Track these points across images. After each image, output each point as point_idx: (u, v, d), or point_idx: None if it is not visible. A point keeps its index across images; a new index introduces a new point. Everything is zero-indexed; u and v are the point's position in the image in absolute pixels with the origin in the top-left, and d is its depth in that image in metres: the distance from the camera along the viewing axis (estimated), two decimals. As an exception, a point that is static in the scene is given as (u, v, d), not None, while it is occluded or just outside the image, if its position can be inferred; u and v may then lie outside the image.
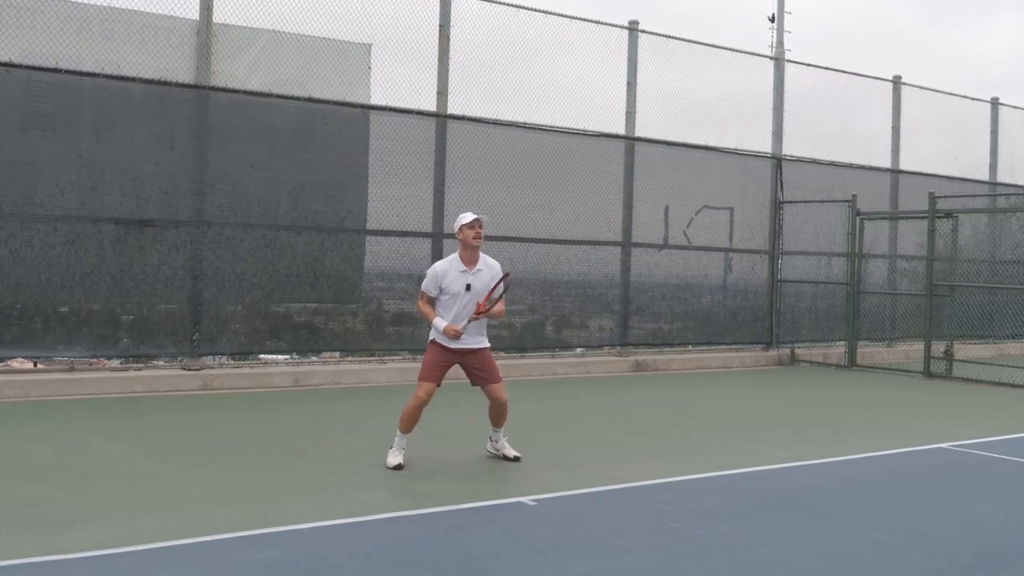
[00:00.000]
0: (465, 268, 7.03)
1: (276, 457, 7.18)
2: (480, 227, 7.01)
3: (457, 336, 6.90)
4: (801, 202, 15.51)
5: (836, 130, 16.16)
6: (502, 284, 7.09)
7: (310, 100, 11.30)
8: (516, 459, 7.24)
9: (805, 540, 5.48)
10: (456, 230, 7.09)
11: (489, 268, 7.12)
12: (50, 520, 5.39)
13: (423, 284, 7.14)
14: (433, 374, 7.01)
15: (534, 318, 13.07)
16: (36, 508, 5.64)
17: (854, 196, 15.01)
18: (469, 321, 6.95)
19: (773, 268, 15.53)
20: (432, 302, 7.10)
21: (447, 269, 7.05)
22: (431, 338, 7.13)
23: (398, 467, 6.85)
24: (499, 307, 7.08)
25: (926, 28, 52.49)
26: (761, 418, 9.88)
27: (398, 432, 7.02)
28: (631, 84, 13.78)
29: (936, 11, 50.95)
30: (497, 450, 7.36)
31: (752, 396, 11.67)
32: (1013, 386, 12.74)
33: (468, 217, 7.06)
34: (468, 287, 6.99)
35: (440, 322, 6.96)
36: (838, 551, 5.28)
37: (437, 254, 12.10)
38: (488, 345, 7.18)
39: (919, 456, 8.09)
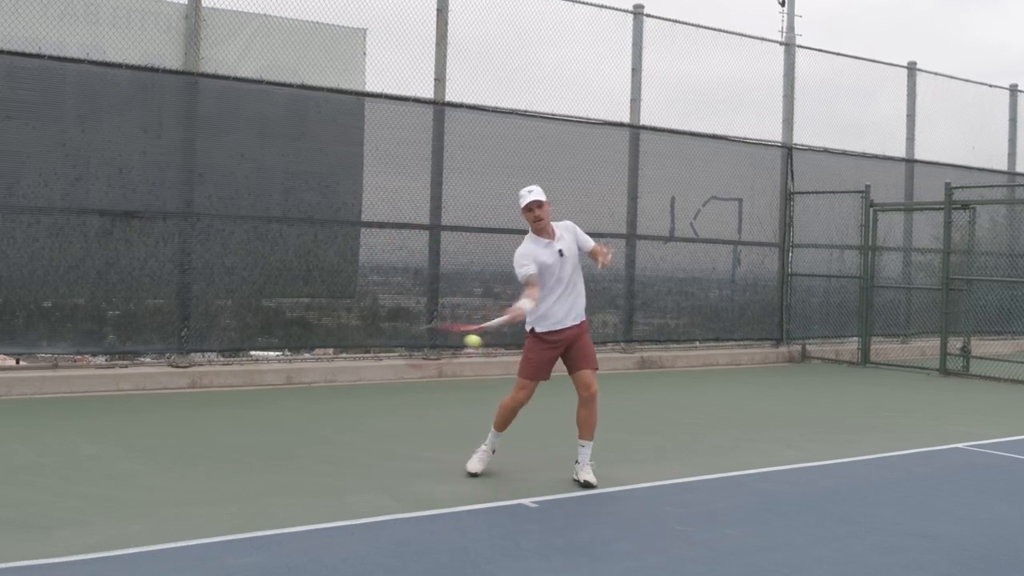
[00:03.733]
0: (548, 241, 6.39)
1: (268, 458, 7.01)
2: (538, 208, 6.30)
3: (521, 317, 6.19)
4: (812, 193, 15.21)
5: (849, 118, 15.89)
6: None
7: (303, 87, 11.01)
8: (587, 485, 6.33)
9: (816, 544, 5.35)
10: (520, 213, 6.46)
11: (566, 228, 6.49)
12: (34, 522, 5.27)
13: (519, 271, 6.30)
14: (541, 372, 6.44)
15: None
16: (19, 510, 5.49)
17: (867, 187, 14.72)
18: (480, 329, 6.24)
19: (783, 261, 15.26)
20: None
21: (531, 247, 6.37)
22: (529, 328, 6.42)
23: (475, 475, 6.45)
24: (606, 256, 6.39)
25: (939, 14, 52.30)
26: (770, 417, 9.68)
27: (492, 430, 6.56)
28: (636, 70, 13.49)
29: (948, -4, 50.79)
30: (579, 477, 6.37)
31: (761, 394, 11.45)
32: (1033, 383, 12.46)
33: (524, 199, 6.33)
34: (561, 252, 6.37)
35: (525, 301, 6.21)
36: (850, 555, 5.16)
37: (435, 247, 11.86)
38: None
39: (934, 457, 7.91)
